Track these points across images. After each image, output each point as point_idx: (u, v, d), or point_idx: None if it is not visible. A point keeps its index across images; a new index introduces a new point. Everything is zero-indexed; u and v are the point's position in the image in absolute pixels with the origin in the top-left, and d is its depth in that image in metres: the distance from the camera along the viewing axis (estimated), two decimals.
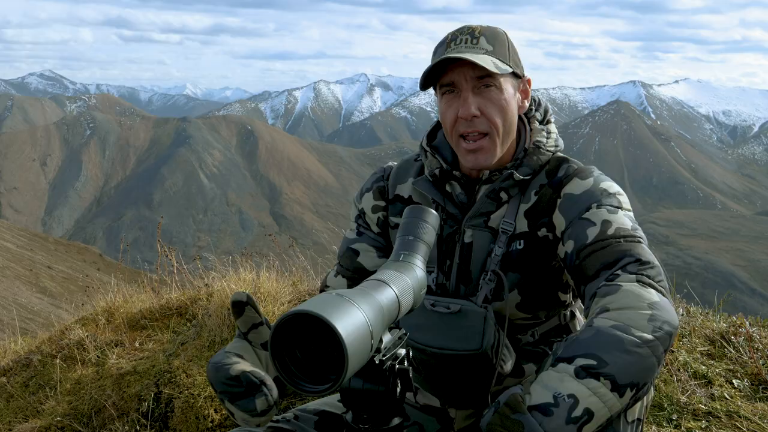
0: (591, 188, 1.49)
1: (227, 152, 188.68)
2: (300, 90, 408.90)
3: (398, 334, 1.02)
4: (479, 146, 1.51)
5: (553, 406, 1.13)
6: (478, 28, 1.52)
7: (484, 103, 1.50)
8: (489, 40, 1.51)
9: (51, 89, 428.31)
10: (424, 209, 1.17)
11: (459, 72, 1.49)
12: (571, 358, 1.19)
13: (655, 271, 1.33)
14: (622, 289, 1.28)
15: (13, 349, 3.62)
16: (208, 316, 2.99)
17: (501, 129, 1.52)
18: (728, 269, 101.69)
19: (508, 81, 1.52)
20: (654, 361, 1.20)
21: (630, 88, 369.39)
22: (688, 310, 2.84)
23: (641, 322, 1.22)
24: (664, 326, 1.22)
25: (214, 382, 1.21)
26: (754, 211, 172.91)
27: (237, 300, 1.24)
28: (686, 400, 2.22)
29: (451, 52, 1.48)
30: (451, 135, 1.54)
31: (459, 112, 1.50)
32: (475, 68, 1.47)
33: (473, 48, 1.49)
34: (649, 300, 1.26)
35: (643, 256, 1.35)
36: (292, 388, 0.86)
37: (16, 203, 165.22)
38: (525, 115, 1.64)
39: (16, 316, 9.59)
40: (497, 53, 1.50)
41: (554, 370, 1.19)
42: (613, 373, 1.16)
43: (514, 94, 1.55)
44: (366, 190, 1.76)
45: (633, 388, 1.17)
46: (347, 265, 1.73)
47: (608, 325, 1.22)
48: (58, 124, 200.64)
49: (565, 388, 1.15)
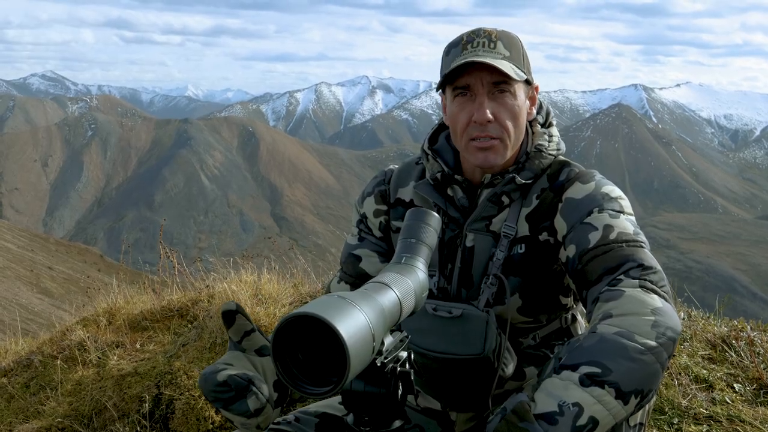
0: (592, 192, 1.49)
1: (228, 154, 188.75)
2: (301, 92, 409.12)
3: (400, 336, 1.02)
4: (491, 145, 1.51)
5: (558, 415, 1.13)
6: (494, 32, 1.51)
7: (498, 108, 1.49)
8: (506, 44, 1.50)
9: (53, 90, 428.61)
10: (426, 212, 1.17)
11: (476, 76, 1.47)
12: (576, 366, 1.18)
13: (657, 276, 1.33)
14: (626, 294, 1.28)
15: (14, 350, 3.62)
16: (209, 318, 2.99)
17: (512, 135, 1.52)
18: (729, 273, 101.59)
19: (521, 87, 1.52)
20: (658, 367, 1.19)
21: (631, 92, 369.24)
22: (689, 314, 2.84)
23: (645, 328, 1.21)
24: (667, 332, 1.22)
25: (205, 393, 1.23)
26: (755, 215, 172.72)
27: (227, 310, 1.25)
28: (687, 404, 2.21)
29: (468, 55, 1.47)
30: (461, 138, 1.53)
31: (474, 116, 1.48)
32: (493, 73, 1.46)
33: (491, 52, 1.48)
34: (652, 306, 1.25)
35: (645, 261, 1.35)
36: (294, 390, 0.87)
37: (17, 204, 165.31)
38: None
39: (17, 316, 9.60)
40: (513, 59, 1.50)
41: (558, 378, 1.19)
42: (618, 381, 1.15)
43: (525, 100, 1.55)
44: (367, 195, 1.75)
45: (637, 396, 1.17)
46: (350, 271, 1.72)
47: (612, 332, 1.21)
48: (59, 125, 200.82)
49: (569, 396, 1.15)
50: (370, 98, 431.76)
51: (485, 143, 1.51)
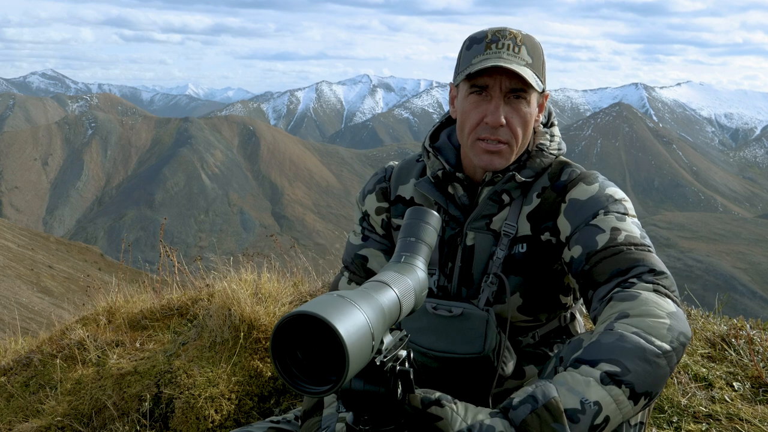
0: (597, 194, 1.49)
1: (229, 152, 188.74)
2: (302, 91, 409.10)
3: (399, 335, 1.02)
4: (498, 149, 1.50)
5: (580, 413, 1.12)
6: (519, 36, 1.50)
7: (511, 113, 1.49)
8: (529, 51, 1.49)
9: (53, 89, 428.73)
10: (426, 211, 1.17)
11: (497, 78, 1.47)
12: (595, 362, 1.18)
13: (669, 281, 1.33)
14: (642, 296, 1.27)
15: (13, 349, 3.62)
16: (209, 317, 2.99)
17: (520, 141, 1.52)
18: (729, 272, 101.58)
19: (534, 96, 1.52)
20: (668, 371, 1.20)
21: (632, 91, 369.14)
22: (689, 313, 2.84)
23: (662, 331, 1.21)
24: (680, 337, 1.22)
25: None
26: (755, 213, 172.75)
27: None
28: (687, 403, 2.21)
29: (492, 55, 1.46)
30: (469, 135, 1.52)
31: (487, 118, 1.48)
32: (512, 79, 1.46)
33: (515, 56, 1.47)
34: (667, 310, 1.25)
35: (656, 266, 1.35)
36: (293, 388, 0.86)
37: (17, 203, 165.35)
38: None
39: (17, 315, 9.60)
40: (534, 67, 1.49)
41: (578, 373, 1.18)
42: (633, 382, 1.15)
43: (536, 108, 1.54)
44: (368, 192, 1.75)
45: (647, 397, 1.17)
46: (358, 272, 1.71)
47: (630, 332, 1.21)
48: (59, 124, 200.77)
49: (591, 394, 1.14)
50: (371, 97, 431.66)
51: (493, 147, 1.50)
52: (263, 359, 2.74)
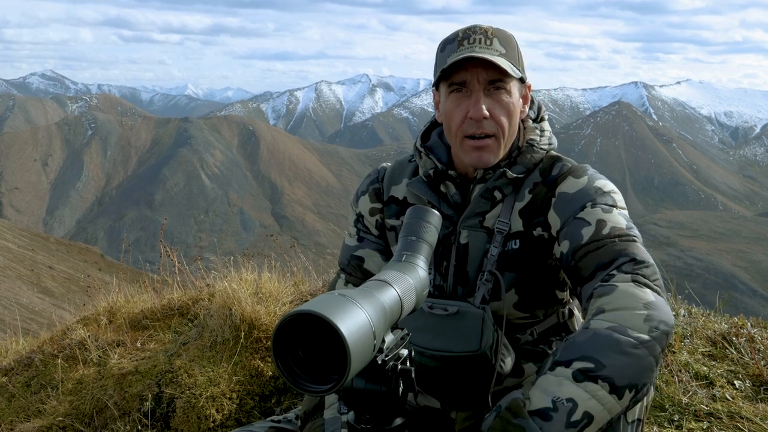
0: (585, 187, 1.49)
1: (229, 152, 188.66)
2: (301, 90, 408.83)
3: (401, 334, 1.02)
4: (485, 144, 1.51)
5: (552, 411, 1.13)
6: (489, 29, 1.51)
7: (493, 105, 1.49)
8: (501, 42, 1.50)
9: (52, 89, 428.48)
10: (427, 210, 1.17)
11: (472, 72, 1.48)
12: (569, 362, 1.19)
13: (650, 270, 1.33)
14: (618, 289, 1.28)
15: (14, 349, 3.62)
16: (209, 317, 2.99)
17: (507, 132, 1.52)
18: (729, 270, 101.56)
19: (515, 85, 1.53)
20: (651, 361, 1.20)
21: (632, 89, 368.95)
22: (689, 311, 2.84)
23: (637, 322, 1.22)
24: (660, 326, 1.23)
25: None
26: (755, 212, 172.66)
27: None
28: (688, 401, 2.21)
29: (465, 51, 1.47)
30: (456, 134, 1.53)
31: (470, 112, 1.49)
32: (489, 70, 1.46)
33: (488, 49, 1.48)
34: (644, 300, 1.26)
35: (638, 255, 1.35)
36: (294, 387, 0.87)
37: (17, 203, 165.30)
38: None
39: (17, 316, 9.60)
40: (509, 56, 1.50)
41: (552, 374, 1.19)
42: (611, 375, 1.16)
43: (519, 98, 1.55)
44: (362, 193, 1.75)
45: (632, 390, 1.17)
46: (355, 273, 1.72)
47: (604, 327, 1.22)
48: (59, 124, 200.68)
49: (563, 392, 1.15)
50: (370, 96, 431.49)
51: (480, 142, 1.51)
52: (264, 358, 2.74)
